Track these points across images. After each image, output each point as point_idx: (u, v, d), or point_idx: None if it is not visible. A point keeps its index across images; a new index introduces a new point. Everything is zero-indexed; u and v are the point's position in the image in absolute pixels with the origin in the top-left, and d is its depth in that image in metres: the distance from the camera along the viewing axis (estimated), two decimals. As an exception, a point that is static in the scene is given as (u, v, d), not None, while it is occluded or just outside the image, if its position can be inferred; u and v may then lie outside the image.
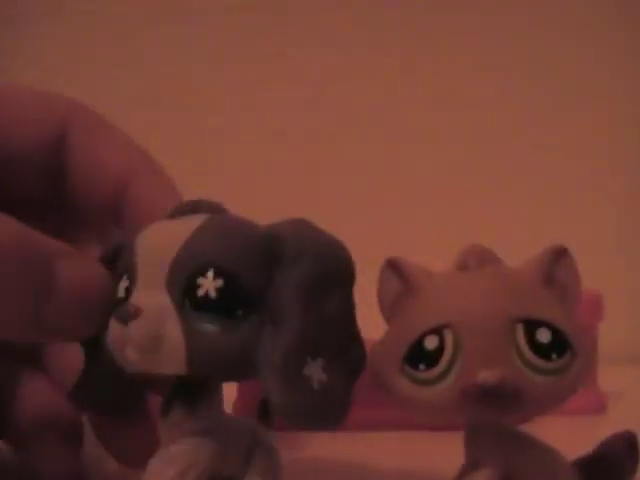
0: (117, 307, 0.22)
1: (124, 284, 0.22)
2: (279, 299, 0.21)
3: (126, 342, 0.21)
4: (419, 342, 0.20)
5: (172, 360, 0.21)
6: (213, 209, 0.23)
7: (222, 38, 0.61)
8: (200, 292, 0.21)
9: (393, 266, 0.22)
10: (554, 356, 0.20)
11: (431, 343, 0.20)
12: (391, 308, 0.22)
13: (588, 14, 0.61)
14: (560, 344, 0.20)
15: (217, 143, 0.60)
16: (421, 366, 0.20)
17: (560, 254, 0.21)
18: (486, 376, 0.19)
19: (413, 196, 0.61)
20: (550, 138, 0.62)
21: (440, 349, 0.20)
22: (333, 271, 0.22)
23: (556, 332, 0.20)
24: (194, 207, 0.23)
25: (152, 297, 0.21)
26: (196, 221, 0.22)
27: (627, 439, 0.23)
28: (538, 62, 0.62)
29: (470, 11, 0.61)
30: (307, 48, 0.61)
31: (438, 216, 0.60)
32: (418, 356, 0.20)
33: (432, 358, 0.20)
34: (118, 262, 0.23)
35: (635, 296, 0.60)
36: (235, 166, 0.59)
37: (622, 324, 0.52)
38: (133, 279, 0.22)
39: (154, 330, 0.20)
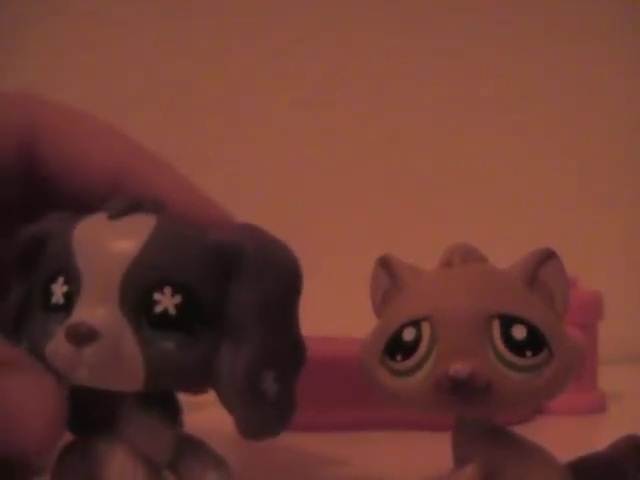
0: (55, 312, 0.20)
1: (61, 288, 0.20)
2: (239, 315, 0.20)
3: (79, 363, 0.19)
4: (398, 334, 0.21)
5: (129, 379, 0.20)
6: (156, 206, 0.21)
7: (222, 38, 0.61)
8: (158, 309, 0.20)
9: (383, 264, 0.23)
10: (528, 353, 0.20)
11: (408, 335, 0.21)
12: (381, 304, 0.23)
13: (589, 14, 0.61)
14: (536, 342, 0.20)
15: (217, 143, 0.60)
16: (398, 357, 0.21)
17: (547, 256, 0.22)
18: (457, 368, 0.19)
19: (413, 195, 0.61)
20: (552, 139, 0.62)
21: (417, 341, 0.20)
22: (291, 287, 0.22)
23: (532, 330, 0.20)
24: (135, 205, 0.21)
25: (105, 315, 0.19)
26: (144, 226, 0.21)
27: (633, 443, 0.23)
28: (540, 63, 0.62)
29: (470, 11, 0.61)
30: (307, 48, 0.61)
31: (440, 217, 0.60)
32: (396, 347, 0.21)
33: (409, 349, 0.21)
34: (41, 254, 0.21)
35: (635, 296, 0.60)
36: (235, 166, 0.59)
37: (622, 324, 0.52)
38: (75, 286, 0.20)
39: (113, 354, 0.19)
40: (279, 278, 0.21)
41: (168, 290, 0.20)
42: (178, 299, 0.20)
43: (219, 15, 0.60)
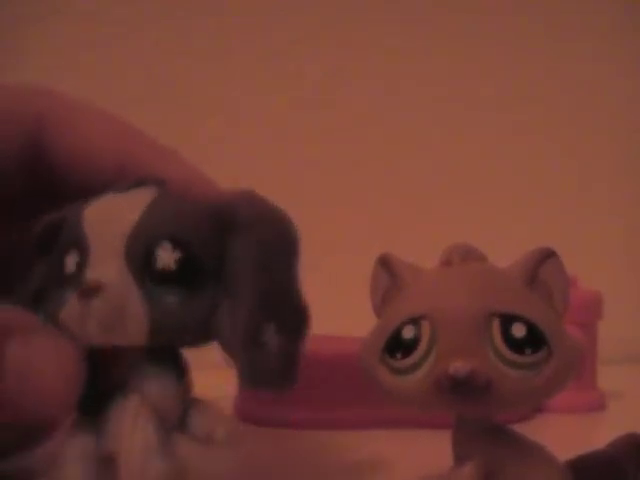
0: (68, 282, 0.21)
1: (74, 258, 0.21)
2: (235, 268, 0.21)
3: (87, 318, 0.20)
4: (398, 332, 0.21)
5: (134, 333, 0.21)
6: (158, 182, 0.23)
7: (222, 38, 0.61)
8: (160, 264, 0.21)
9: (383, 263, 0.23)
10: (528, 351, 0.20)
11: (408, 333, 0.21)
12: (381, 303, 0.23)
13: (589, 14, 0.61)
14: (535, 340, 0.20)
15: (217, 143, 0.60)
16: (398, 355, 0.21)
17: (547, 255, 0.22)
18: (457, 367, 0.19)
19: (413, 195, 0.61)
20: (552, 139, 0.62)
21: (416, 339, 0.21)
22: (283, 239, 0.23)
23: (532, 328, 0.20)
24: (139, 181, 0.23)
25: (111, 271, 0.21)
26: (147, 194, 0.22)
27: (632, 441, 0.23)
28: (540, 63, 0.62)
29: (470, 11, 0.61)
30: (307, 48, 0.61)
31: (440, 217, 0.60)
32: (396, 345, 0.21)
33: (409, 347, 0.21)
34: (58, 238, 0.22)
35: (635, 296, 0.60)
36: (235, 166, 0.59)
37: (622, 324, 0.52)
38: (85, 253, 0.21)
39: (118, 305, 0.20)
40: (273, 232, 0.22)
41: (168, 246, 0.21)
42: (178, 254, 0.21)
43: (219, 15, 0.60)
